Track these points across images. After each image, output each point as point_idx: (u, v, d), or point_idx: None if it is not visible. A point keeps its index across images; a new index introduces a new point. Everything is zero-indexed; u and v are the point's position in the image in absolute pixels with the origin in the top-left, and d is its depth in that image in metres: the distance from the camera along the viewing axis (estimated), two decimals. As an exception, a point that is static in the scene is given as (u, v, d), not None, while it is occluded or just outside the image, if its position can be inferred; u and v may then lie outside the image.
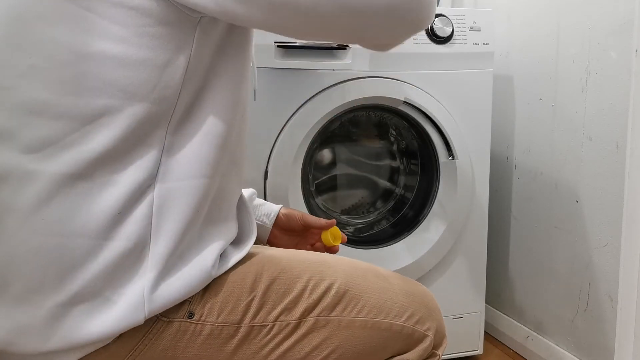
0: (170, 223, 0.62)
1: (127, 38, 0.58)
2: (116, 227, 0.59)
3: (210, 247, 0.66)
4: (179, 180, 0.62)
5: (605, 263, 1.29)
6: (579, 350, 1.39)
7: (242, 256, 0.70)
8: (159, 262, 0.61)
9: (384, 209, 1.53)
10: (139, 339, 0.62)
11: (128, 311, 0.59)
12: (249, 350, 0.66)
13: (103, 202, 0.59)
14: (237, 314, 0.66)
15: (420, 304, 0.76)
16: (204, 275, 0.64)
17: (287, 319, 0.67)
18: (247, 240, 0.73)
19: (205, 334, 0.65)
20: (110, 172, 0.59)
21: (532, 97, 1.49)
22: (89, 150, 0.58)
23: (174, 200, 0.62)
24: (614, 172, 1.25)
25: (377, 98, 1.30)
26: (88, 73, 0.58)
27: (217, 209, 0.68)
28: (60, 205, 0.58)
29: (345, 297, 0.70)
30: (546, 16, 1.43)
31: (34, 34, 0.58)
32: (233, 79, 0.66)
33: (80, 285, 0.58)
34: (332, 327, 0.69)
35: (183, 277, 0.63)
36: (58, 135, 0.58)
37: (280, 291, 0.68)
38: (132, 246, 0.60)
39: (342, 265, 0.74)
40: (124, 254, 0.59)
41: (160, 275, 0.61)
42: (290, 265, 0.71)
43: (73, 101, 0.58)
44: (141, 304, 0.60)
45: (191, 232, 0.64)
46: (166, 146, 0.62)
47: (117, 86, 0.58)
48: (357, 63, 1.26)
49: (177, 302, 0.63)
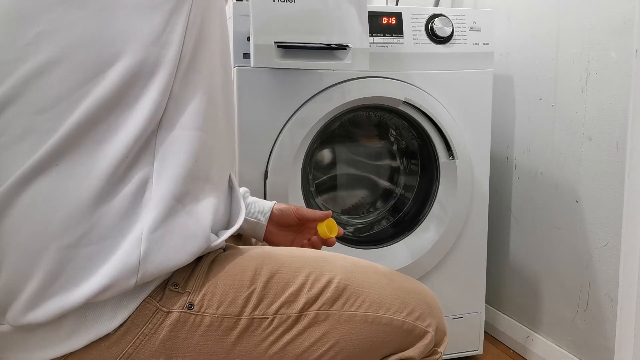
0: (171, 168, 0.64)
1: None
2: (124, 171, 0.61)
3: (206, 201, 0.68)
4: (180, 129, 0.65)
5: (605, 263, 1.29)
6: (579, 350, 1.39)
7: (232, 232, 0.72)
8: (160, 203, 0.62)
9: (384, 209, 1.53)
10: (139, 329, 0.63)
11: (123, 255, 0.60)
12: (249, 342, 0.66)
13: (114, 146, 0.61)
14: (236, 305, 0.66)
15: (421, 300, 0.76)
16: (200, 231, 0.65)
17: (288, 312, 0.68)
18: (236, 220, 0.75)
19: (205, 325, 0.65)
20: (119, 115, 0.62)
21: (532, 97, 1.49)
22: (102, 96, 0.60)
23: (174, 147, 0.64)
24: (614, 172, 1.25)
25: (377, 98, 1.30)
26: (101, 25, 0.60)
27: (211, 167, 0.70)
28: (75, 152, 0.60)
29: (345, 291, 0.71)
30: (546, 16, 1.43)
31: (42, 2, 0.60)
32: (220, 34, 0.71)
33: (86, 228, 0.59)
34: (333, 321, 0.69)
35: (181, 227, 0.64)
36: (71, 89, 0.60)
37: (281, 285, 0.69)
38: (135, 189, 0.62)
39: (341, 261, 0.75)
40: (127, 196, 0.61)
41: (161, 217, 0.62)
42: (290, 260, 0.72)
43: (86, 54, 0.60)
44: (137, 247, 0.61)
45: (190, 181, 0.66)
46: (173, 93, 0.65)
47: (129, 33, 0.61)
48: (357, 63, 1.26)
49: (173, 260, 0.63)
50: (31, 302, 0.60)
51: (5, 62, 0.61)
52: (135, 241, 0.61)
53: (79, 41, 0.60)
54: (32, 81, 0.60)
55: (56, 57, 0.60)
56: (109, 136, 0.61)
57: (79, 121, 0.60)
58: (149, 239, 0.61)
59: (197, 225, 0.66)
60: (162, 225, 0.62)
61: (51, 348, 0.62)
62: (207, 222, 0.67)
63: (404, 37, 1.32)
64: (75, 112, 0.60)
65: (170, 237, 0.63)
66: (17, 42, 0.60)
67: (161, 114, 0.64)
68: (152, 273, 0.62)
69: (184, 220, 0.64)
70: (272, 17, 1.01)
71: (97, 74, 0.61)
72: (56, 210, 0.59)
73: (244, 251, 0.73)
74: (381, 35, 1.30)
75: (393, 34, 1.31)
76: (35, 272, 0.59)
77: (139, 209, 0.62)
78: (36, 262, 0.59)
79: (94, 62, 0.60)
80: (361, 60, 1.19)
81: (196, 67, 0.67)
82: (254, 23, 1.08)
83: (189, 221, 0.65)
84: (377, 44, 1.30)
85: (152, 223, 0.61)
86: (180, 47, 0.65)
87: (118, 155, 0.61)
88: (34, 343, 0.62)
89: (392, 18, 1.31)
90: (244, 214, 0.76)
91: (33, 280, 0.60)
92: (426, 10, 1.34)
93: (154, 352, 0.64)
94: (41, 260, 0.59)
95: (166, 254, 0.62)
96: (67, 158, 0.60)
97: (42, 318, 0.59)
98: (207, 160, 0.68)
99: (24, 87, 0.60)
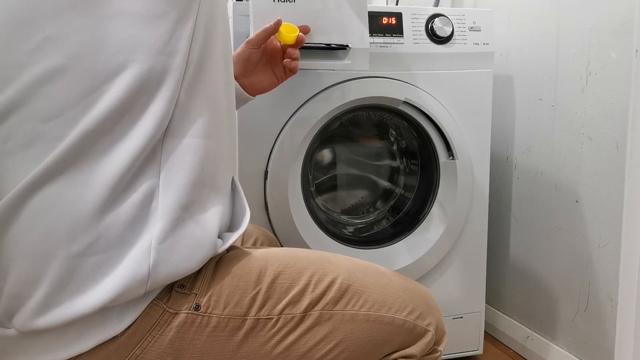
0: (178, 178, 0.64)
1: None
2: (130, 180, 0.61)
3: (213, 208, 0.68)
4: (186, 137, 0.65)
5: (605, 263, 1.29)
6: (579, 350, 1.39)
7: (238, 236, 0.72)
8: (167, 212, 0.62)
9: (384, 209, 1.53)
10: (146, 331, 0.63)
11: (133, 265, 0.60)
12: (255, 343, 0.67)
13: (121, 154, 0.61)
14: (242, 306, 0.67)
15: (421, 300, 0.77)
16: (208, 239, 0.65)
17: (292, 312, 0.69)
18: (241, 222, 0.74)
19: (211, 326, 0.65)
20: (127, 124, 0.61)
21: (532, 97, 1.49)
22: (108, 106, 0.60)
23: (180, 155, 0.64)
24: (614, 172, 1.25)
25: (377, 98, 1.30)
26: (107, 33, 0.60)
27: (217, 173, 0.70)
28: (81, 160, 0.60)
29: (348, 291, 0.72)
30: (546, 16, 1.43)
31: (47, 6, 0.59)
32: (223, 36, 0.72)
33: (93, 236, 0.59)
34: (336, 320, 0.70)
35: (189, 236, 0.64)
36: (78, 97, 0.60)
37: (285, 285, 0.70)
38: (142, 197, 0.61)
39: (343, 261, 0.76)
40: (134, 205, 0.61)
41: (168, 227, 0.62)
42: (294, 261, 0.73)
43: (93, 61, 0.60)
44: (147, 257, 0.61)
45: (197, 189, 0.65)
46: (179, 102, 0.65)
47: (136, 41, 0.61)
48: (358, 63, 1.26)
49: (181, 268, 0.63)
50: (39, 309, 0.60)
51: (9, 67, 0.60)
52: (145, 252, 0.61)
53: (85, 49, 0.60)
54: (38, 88, 0.60)
55: (62, 64, 0.59)
56: (115, 144, 0.61)
57: (85, 130, 0.59)
58: (158, 250, 0.61)
59: (204, 233, 0.66)
60: (170, 235, 0.62)
61: (58, 351, 0.62)
62: (214, 229, 0.67)
63: (404, 37, 1.32)
64: (82, 120, 0.60)
65: (178, 247, 0.63)
66: (21, 46, 0.60)
67: (167, 122, 0.64)
68: (161, 282, 0.62)
69: (191, 229, 0.64)
70: (272, 17, 1.01)
71: (104, 82, 0.60)
72: (63, 217, 0.59)
73: (248, 252, 0.73)
74: (381, 35, 1.30)
75: (393, 34, 1.31)
76: (43, 279, 0.59)
77: (147, 217, 0.62)
78: (44, 269, 0.59)
79: (100, 70, 0.60)
80: (361, 60, 1.19)
81: (202, 74, 0.67)
82: (254, 23, 1.08)
83: (196, 230, 0.65)
84: (377, 44, 1.30)
85: (161, 233, 0.61)
86: (187, 56, 0.64)
87: (124, 164, 0.60)
88: (41, 347, 0.62)
89: (392, 18, 1.31)
90: (248, 216, 0.75)
91: (41, 287, 0.59)
92: (426, 10, 1.34)
93: (162, 353, 0.64)
94: (49, 268, 0.59)
95: (175, 264, 0.62)
96: (74, 166, 0.60)
97: (51, 324, 0.60)
98: (213, 167, 0.68)
99: (29, 94, 0.60)
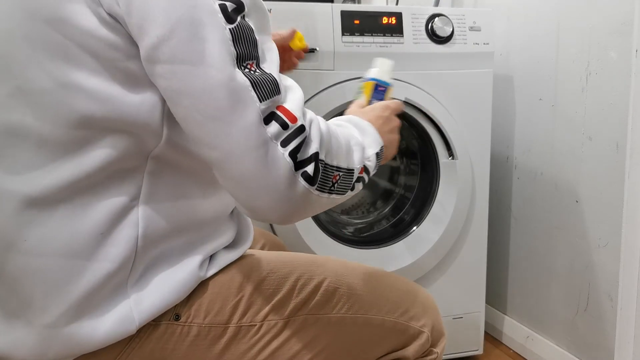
0: (156, 242, 0.62)
1: (100, 71, 0.56)
2: (100, 248, 0.59)
3: (198, 249, 0.66)
4: (163, 201, 0.62)
5: (605, 263, 1.29)
6: (579, 350, 1.39)
7: (234, 258, 0.69)
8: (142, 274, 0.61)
9: (384, 209, 1.53)
10: (126, 342, 0.62)
11: (118, 324, 0.60)
12: (237, 350, 0.66)
13: (85, 223, 0.58)
14: (224, 314, 0.66)
15: (415, 301, 0.76)
16: (191, 277, 0.64)
17: (276, 318, 0.67)
18: (242, 244, 0.72)
19: (192, 335, 0.64)
20: (91, 195, 0.59)
21: (532, 97, 1.49)
22: (70, 176, 0.58)
23: (160, 220, 0.62)
24: (614, 172, 1.25)
25: (377, 98, 1.30)
26: (66, 103, 0.57)
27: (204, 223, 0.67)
28: (41, 227, 0.58)
29: (334, 294, 0.70)
30: (546, 16, 1.43)
31: (20, 55, 0.57)
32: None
33: (66, 305, 0.58)
34: (322, 324, 0.69)
35: (170, 282, 0.63)
36: (43, 161, 0.58)
37: (269, 291, 0.68)
38: (117, 267, 0.60)
39: (332, 264, 0.74)
40: (108, 275, 0.59)
41: (145, 285, 0.61)
42: (279, 266, 0.71)
43: (54, 130, 0.57)
44: (130, 317, 0.60)
45: (176, 241, 0.64)
46: (148, 170, 0.61)
47: (94, 119, 0.57)
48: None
49: (168, 308, 0.63)
50: None
51: None
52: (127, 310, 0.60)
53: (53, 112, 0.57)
54: (5, 138, 0.58)
55: (30, 123, 0.57)
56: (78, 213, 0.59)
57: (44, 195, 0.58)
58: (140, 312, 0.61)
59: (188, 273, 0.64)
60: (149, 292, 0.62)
61: None
62: (199, 262, 0.65)
63: (404, 37, 1.32)
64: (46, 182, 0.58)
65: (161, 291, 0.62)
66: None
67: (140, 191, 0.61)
68: (149, 318, 0.62)
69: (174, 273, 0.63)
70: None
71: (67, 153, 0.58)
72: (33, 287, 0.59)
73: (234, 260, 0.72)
74: (381, 35, 1.30)
75: (393, 34, 1.31)
76: None
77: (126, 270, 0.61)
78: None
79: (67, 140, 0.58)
80: None
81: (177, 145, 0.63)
82: (254, 23, 1.08)
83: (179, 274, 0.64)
84: (377, 43, 1.30)
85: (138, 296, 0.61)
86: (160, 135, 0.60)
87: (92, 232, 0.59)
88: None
89: (392, 18, 1.31)
90: (252, 236, 0.74)
91: None
92: (426, 10, 1.34)
93: None
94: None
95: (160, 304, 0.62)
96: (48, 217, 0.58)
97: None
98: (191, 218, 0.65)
99: None
